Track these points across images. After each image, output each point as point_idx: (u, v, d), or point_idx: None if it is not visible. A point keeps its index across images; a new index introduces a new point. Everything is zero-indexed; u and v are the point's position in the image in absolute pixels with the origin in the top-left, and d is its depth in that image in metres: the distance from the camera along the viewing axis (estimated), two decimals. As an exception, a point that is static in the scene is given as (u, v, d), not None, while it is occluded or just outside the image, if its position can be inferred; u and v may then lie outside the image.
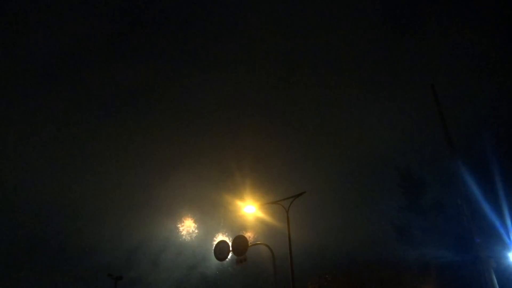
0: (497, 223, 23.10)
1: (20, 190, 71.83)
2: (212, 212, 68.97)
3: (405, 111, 74.21)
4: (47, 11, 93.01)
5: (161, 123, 79.43)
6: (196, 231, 67.35)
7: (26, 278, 59.02)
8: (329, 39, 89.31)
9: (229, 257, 20.71)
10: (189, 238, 67.62)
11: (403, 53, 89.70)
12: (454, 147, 21.69)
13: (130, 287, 51.54)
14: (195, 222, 68.39)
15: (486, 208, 24.34)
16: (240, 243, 19.89)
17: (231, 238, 23.35)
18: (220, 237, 63.37)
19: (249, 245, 20.64)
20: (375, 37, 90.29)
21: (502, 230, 22.25)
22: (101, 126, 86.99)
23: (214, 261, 61.38)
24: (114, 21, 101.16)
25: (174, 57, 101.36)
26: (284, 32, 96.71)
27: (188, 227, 68.31)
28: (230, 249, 19.77)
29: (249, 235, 58.14)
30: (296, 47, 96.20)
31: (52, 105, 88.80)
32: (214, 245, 20.97)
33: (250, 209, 22.44)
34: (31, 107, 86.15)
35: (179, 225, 68.62)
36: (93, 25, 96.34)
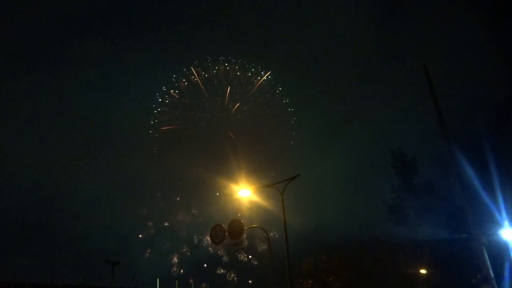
0: (489, 201, 23.38)
1: (13, 178, 71.49)
2: (207, 196, 69.19)
3: (397, 92, 74.46)
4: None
5: (154, 107, 78.88)
6: (193, 214, 67.63)
7: (23, 265, 59.23)
8: (321, 19, 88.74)
9: (225, 240, 20.80)
10: (183, 222, 67.81)
11: (395, 34, 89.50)
12: (446, 127, 21.81)
13: (125, 272, 52.00)
14: (190, 206, 68.56)
15: (478, 186, 24.59)
16: (235, 227, 19.94)
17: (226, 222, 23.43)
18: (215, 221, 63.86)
19: (245, 228, 20.74)
20: (366, 17, 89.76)
21: (493, 208, 22.55)
22: (93, 111, 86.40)
23: (209, 245, 61.75)
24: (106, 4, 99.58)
25: (169, 41, 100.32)
26: (278, 14, 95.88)
27: (182, 211, 68.40)
28: (226, 232, 19.82)
29: (244, 218, 58.46)
30: (288, 28, 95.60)
31: (42, 91, 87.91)
32: (210, 229, 21.01)
33: (245, 193, 22.45)
34: (21, 93, 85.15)
35: (173, 210, 68.72)
36: (81, 5, 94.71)
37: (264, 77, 78.20)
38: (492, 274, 18.73)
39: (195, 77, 78.68)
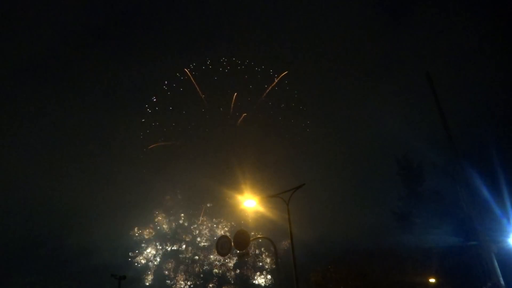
0: (497, 208, 23.12)
1: (16, 193, 71.80)
2: (213, 207, 68.77)
3: (401, 100, 74.38)
4: (33, 8, 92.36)
5: (157, 119, 78.99)
6: (197, 227, 67.09)
7: (30, 282, 59.04)
8: (325, 28, 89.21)
9: (231, 251, 20.69)
10: (188, 234, 67.10)
11: (399, 40, 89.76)
12: (451, 134, 21.69)
13: (131, 286, 51.70)
14: (195, 221, 67.89)
15: (486, 193, 24.35)
16: (241, 238, 19.80)
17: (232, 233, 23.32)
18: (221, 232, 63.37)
19: (251, 239, 20.61)
20: (371, 25, 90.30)
21: (502, 215, 22.29)
22: (95, 125, 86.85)
23: (215, 256, 61.17)
24: (109, 18, 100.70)
25: (169, 55, 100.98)
26: (280, 22, 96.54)
27: (187, 227, 67.62)
28: (232, 244, 19.70)
29: (250, 230, 57.94)
30: (292, 36, 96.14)
31: (45, 105, 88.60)
32: (216, 241, 20.94)
33: (250, 203, 22.34)
34: (25, 107, 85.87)
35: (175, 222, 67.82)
36: (86, 20, 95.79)
37: (276, 81, 71.80)
38: (502, 282, 18.46)
39: (192, 84, 72.62)
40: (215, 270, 60.76)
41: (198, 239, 65.55)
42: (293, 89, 75.79)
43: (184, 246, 64.92)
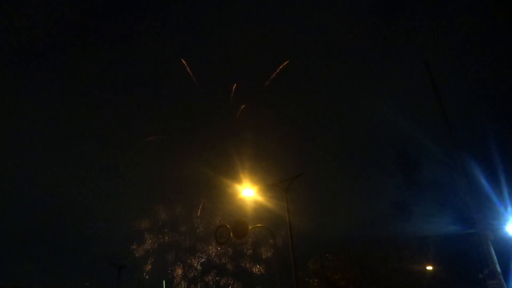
0: (494, 196, 23.28)
1: (16, 182, 71.76)
2: (211, 196, 68.90)
3: (400, 89, 74.21)
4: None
5: (156, 109, 78.66)
6: (195, 221, 67.20)
7: (29, 271, 59.46)
8: (321, 18, 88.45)
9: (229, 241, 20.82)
10: (186, 224, 67.27)
11: (396, 30, 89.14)
12: (449, 123, 21.69)
13: (131, 274, 51.98)
14: (192, 208, 68.05)
15: (483, 181, 24.51)
16: (240, 227, 19.96)
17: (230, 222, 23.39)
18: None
19: (249, 228, 20.74)
20: (367, 14, 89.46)
21: (499, 203, 22.45)
22: (95, 115, 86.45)
23: (214, 246, 61.34)
24: (104, 7, 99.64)
25: (168, 43, 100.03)
26: (275, 13, 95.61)
27: (184, 213, 67.67)
28: (231, 233, 19.83)
29: (249, 221, 57.77)
30: (288, 27, 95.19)
31: (46, 96, 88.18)
32: (215, 230, 21.08)
33: (248, 193, 22.44)
34: (30, 100, 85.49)
35: (175, 211, 67.92)
36: (78, 7, 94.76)
37: (277, 71, 70.46)
38: (499, 269, 18.62)
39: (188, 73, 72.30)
40: (215, 259, 61.05)
41: (197, 230, 65.68)
42: (294, 79, 75.29)
43: (182, 237, 65.06)
